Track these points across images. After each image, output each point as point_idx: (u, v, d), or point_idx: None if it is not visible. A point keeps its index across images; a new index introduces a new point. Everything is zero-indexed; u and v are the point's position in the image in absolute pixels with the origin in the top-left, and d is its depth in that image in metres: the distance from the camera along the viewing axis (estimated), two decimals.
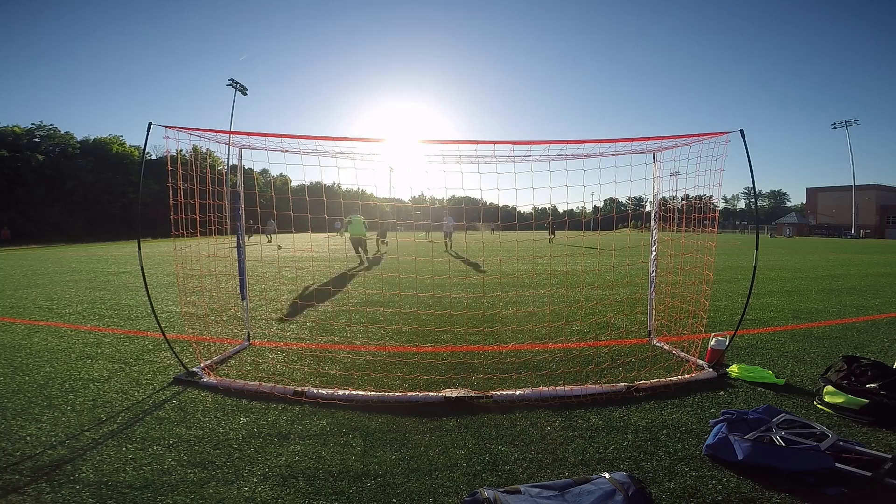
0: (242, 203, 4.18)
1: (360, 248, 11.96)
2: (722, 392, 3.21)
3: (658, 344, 4.32)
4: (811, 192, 72.71)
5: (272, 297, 7.09)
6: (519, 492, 1.90)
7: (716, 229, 4.22)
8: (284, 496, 2.05)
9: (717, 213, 4.07)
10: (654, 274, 4.31)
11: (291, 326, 5.14)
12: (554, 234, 22.88)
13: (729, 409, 2.61)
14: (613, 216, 4.69)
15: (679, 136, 3.66)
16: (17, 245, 25.61)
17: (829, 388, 2.97)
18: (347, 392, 3.09)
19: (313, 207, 4.12)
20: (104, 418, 2.80)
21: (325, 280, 9.25)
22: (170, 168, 3.46)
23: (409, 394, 3.12)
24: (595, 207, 4.77)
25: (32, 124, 40.63)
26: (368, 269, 10.79)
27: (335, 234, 23.49)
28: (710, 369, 3.55)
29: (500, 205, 4.60)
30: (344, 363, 3.85)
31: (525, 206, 4.30)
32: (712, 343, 3.71)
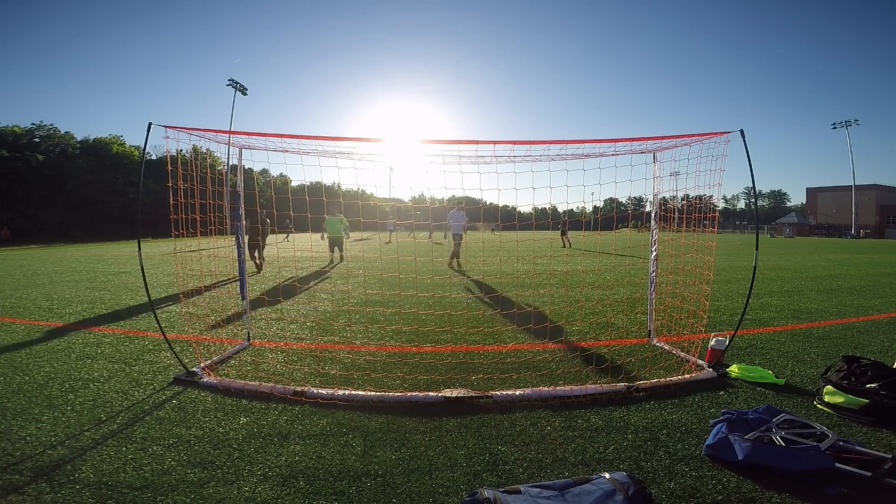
0: (242, 203, 4.18)
1: (336, 247, 12.11)
2: (722, 392, 3.22)
3: (658, 344, 4.32)
4: (811, 192, 72.72)
5: (272, 297, 7.09)
6: (519, 492, 1.90)
7: (716, 229, 4.23)
8: (284, 496, 2.05)
9: (717, 213, 4.07)
10: (654, 274, 4.31)
11: (291, 326, 5.14)
12: (566, 235, 19.15)
13: (729, 409, 2.61)
14: (613, 216, 4.70)
15: (679, 136, 3.67)
16: (17, 245, 25.61)
17: (829, 388, 2.97)
18: (347, 392, 3.09)
19: (313, 207, 4.12)
20: (104, 418, 2.80)
21: (325, 279, 9.25)
22: (170, 168, 3.46)
23: (409, 394, 3.12)
24: (595, 207, 4.78)
25: (32, 124, 40.59)
26: (332, 268, 10.76)
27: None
28: (710, 369, 3.55)
29: (500, 205, 4.61)
30: (344, 363, 3.85)
31: (525, 206, 4.31)
32: (712, 343, 3.71)
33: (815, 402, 3.01)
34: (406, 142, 3.84)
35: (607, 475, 1.99)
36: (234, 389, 3.19)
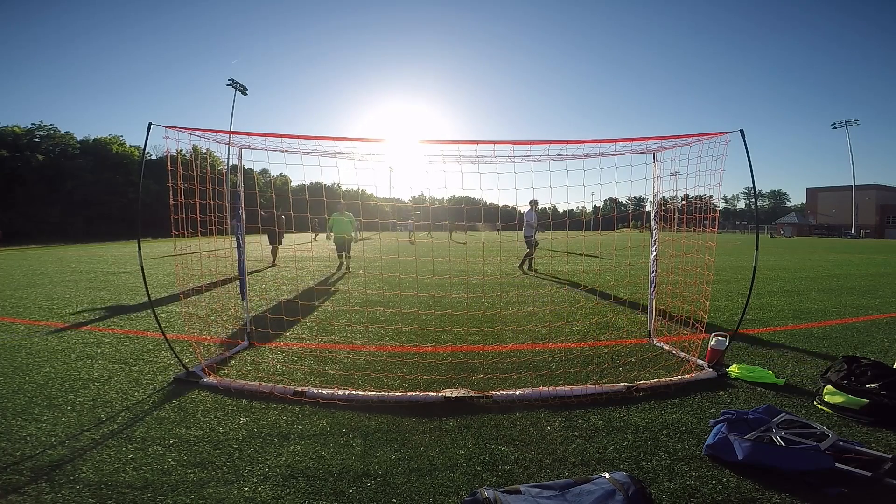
0: (242, 203, 4.18)
1: (343, 252, 10.76)
2: (722, 392, 3.21)
3: (658, 344, 4.32)
4: (811, 192, 72.76)
5: (272, 297, 7.09)
6: (519, 492, 1.90)
7: (716, 229, 4.22)
8: (284, 496, 2.05)
9: (717, 213, 4.07)
10: (654, 274, 4.31)
11: (291, 326, 5.14)
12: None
13: (729, 409, 2.61)
14: (614, 216, 4.70)
15: (679, 136, 3.66)
16: (16, 245, 25.60)
17: (829, 388, 2.97)
18: (347, 392, 3.09)
19: (313, 207, 4.13)
20: (104, 418, 2.80)
21: (326, 280, 9.25)
22: (170, 168, 3.46)
23: (409, 394, 3.12)
24: (595, 207, 4.78)
25: (32, 124, 40.59)
26: (346, 276, 9.74)
27: (316, 235, 22.56)
28: (710, 369, 3.55)
29: (501, 205, 4.61)
30: (344, 363, 3.84)
31: (525, 206, 4.31)
32: (712, 343, 3.71)
33: (815, 402, 3.01)
34: (406, 142, 3.84)
35: (607, 475, 1.99)
36: (234, 389, 3.19)
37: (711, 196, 3.93)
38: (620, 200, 4.80)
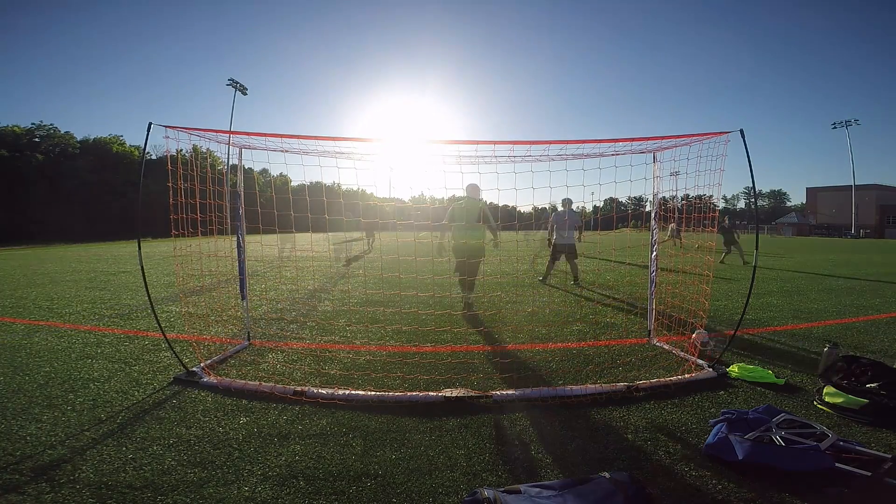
0: (242, 203, 4.18)
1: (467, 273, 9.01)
2: (722, 392, 3.21)
3: (658, 344, 4.32)
4: (811, 192, 72.76)
5: (272, 297, 7.09)
6: (519, 492, 1.90)
7: (716, 229, 4.22)
8: (284, 496, 2.05)
9: (717, 213, 4.07)
10: (654, 274, 4.31)
11: (291, 326, 5.14)
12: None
13: (729, 409, 2.61)
14: (613, 216, 4.69)
15: (679, 136, 3.66)
16: (16, 245, 25.59)
17: (829, 388, 2.97)
18: (347, 392, 3.09)
19: (313, 207, 4.12)
20: (104, 418, 2.80)
21: (326, 280, 9.25)
22: (170, 168, 3.46)
23: (409, 394, 3.12)
24: (595, 207, 4.78)
25: (32, 124, 40.66)
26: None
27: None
28: (710, 369, 3.55)
29: (500, 205, 4.61)
30: (344, 363, 3.84)
31: (525, 206, 4.31)
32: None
33: (815, 402, 3.01)
34: (406, 141, 3.84)
35: (607, 475, 1.99)
36: (234, 389, 3.19)
37: (711, 196, 3.93)
38: (620, 200, 4.79)
